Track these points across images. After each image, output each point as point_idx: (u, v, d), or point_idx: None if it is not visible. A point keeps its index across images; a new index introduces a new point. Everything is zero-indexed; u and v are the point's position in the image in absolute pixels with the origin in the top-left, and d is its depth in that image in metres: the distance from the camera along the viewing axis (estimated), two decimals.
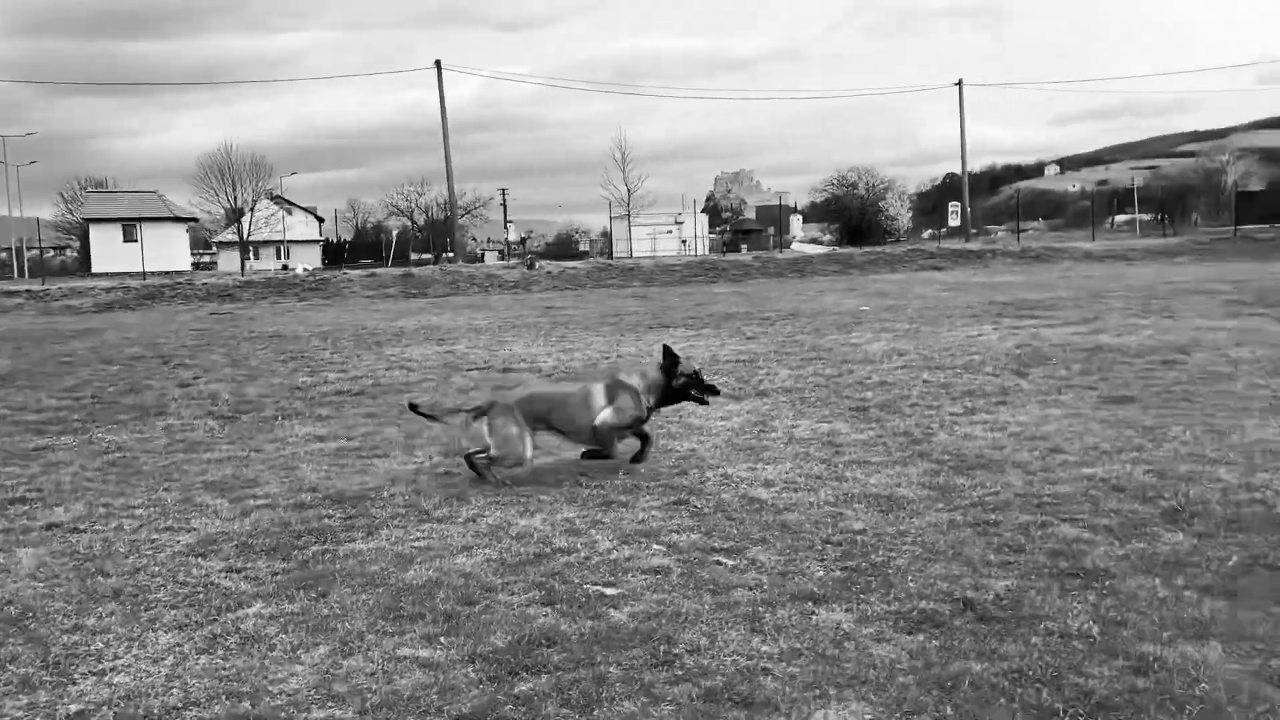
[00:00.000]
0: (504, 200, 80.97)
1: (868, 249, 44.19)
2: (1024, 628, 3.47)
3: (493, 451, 5.89)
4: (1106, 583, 3.88)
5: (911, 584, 3.94)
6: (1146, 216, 60.07)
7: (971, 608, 3.65)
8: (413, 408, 6.33)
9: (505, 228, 75.68)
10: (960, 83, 54.43)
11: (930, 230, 67.72)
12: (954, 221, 55.50)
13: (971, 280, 27.43)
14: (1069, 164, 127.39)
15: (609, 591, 3.98)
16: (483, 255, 67.17)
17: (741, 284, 31.86)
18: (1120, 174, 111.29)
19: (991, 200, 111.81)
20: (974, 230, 69.78)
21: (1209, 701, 2.89)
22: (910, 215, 70.40)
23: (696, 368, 6.23)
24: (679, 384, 6.01)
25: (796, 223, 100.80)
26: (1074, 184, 76.54)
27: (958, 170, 60.27)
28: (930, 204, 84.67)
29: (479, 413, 5.99)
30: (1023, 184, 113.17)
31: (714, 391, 6.21)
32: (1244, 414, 7.07)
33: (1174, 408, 7.48)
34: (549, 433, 6.10)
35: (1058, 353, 10.68)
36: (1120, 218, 67.74)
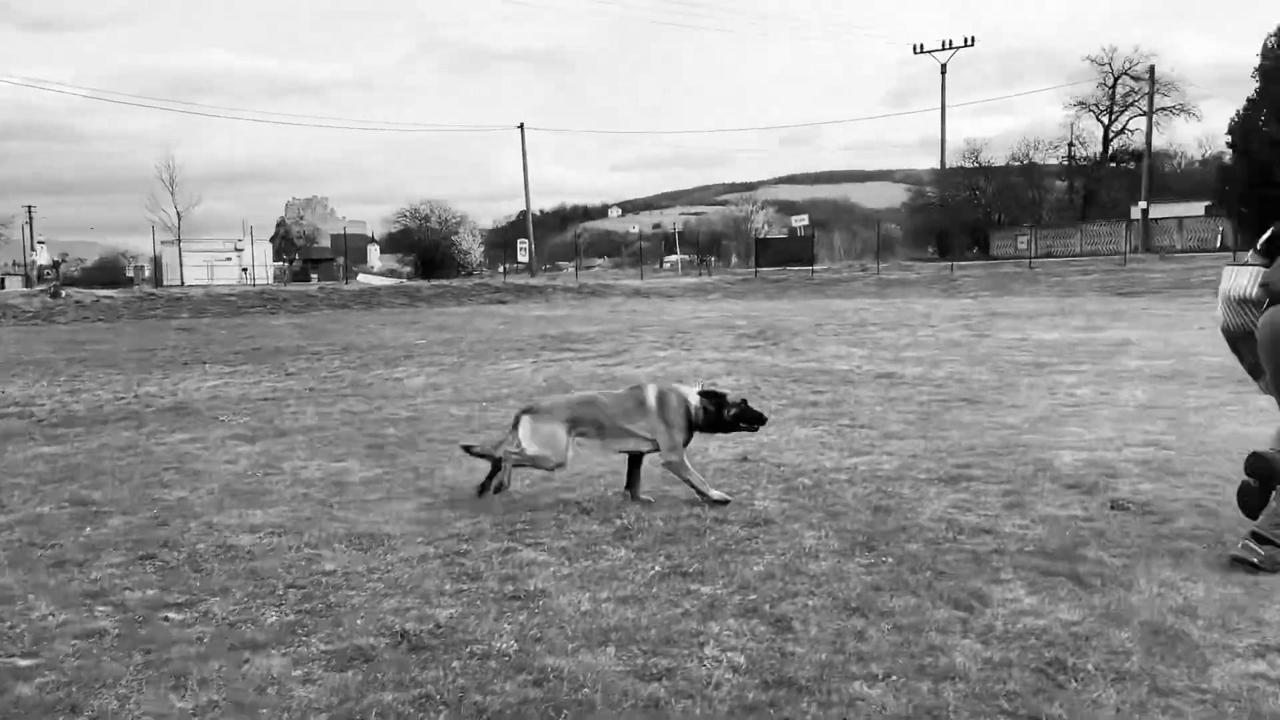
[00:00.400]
0: (30, 218, 71.29)
1: (436, 282, 44.68)
2: (450, 653, 3.68)
3: (530, 451, 5.83)
4: (541, 601, 4.24)
5: (360, 621, 4.03)
6: (687, 257, 66.86)
7: (407, 638, 3.81)
8: (467, 449, 6.30)
9: (33, 249, 66.65)
10: (522, 126, 57.24)
11: (505, 265, 69.93)
12: (523, 258, 57.91)
13: (530, 314, 28.71)
14: (629, 207, 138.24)
15: (23, 663, 3.64)
16: (2, 281, 58.60)
17: (304, 316, 30.75)
18: (673, 218, 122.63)
19: (561, 238, 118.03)
20: (546, 266, 73.03)
21: (585, 703, 3.26)
22: (483, 250, 72.25)
23: (744, 397, 6.21)
24: (730, 416, 5.99)
25: (375, 253, 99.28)
26: (634, 226, 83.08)
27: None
28: (505, 239, 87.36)
29: (522, 414, 5.98)
30: (589, 224, 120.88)
31: (762, 420, 6.13)
32: (709, 437, 8.03)
33: None
34: (589, 439, 5.96)
35: (579, 384, 11.50)
36: (672, 258, 74.47)
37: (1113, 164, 69.17)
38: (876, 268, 46.48)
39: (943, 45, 62.99)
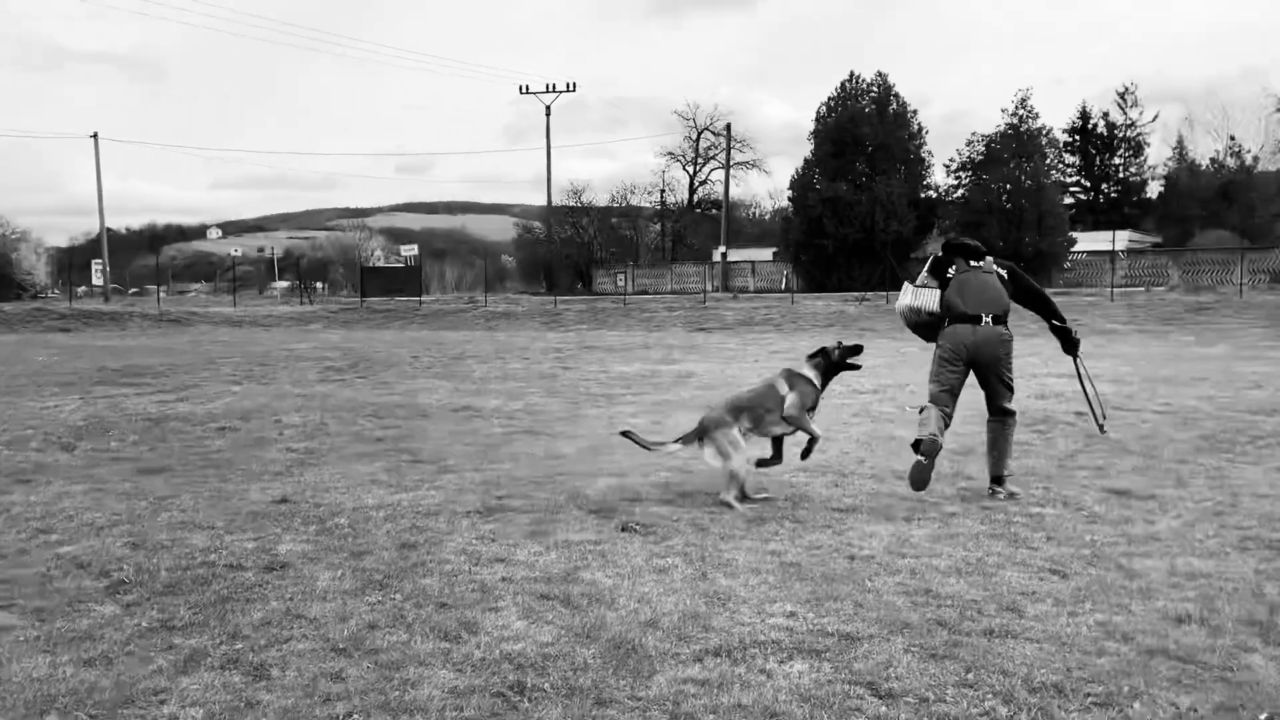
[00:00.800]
0: None
1: None
2: None
3: (733, 467, 6.56)
4: None
5: None
6: (285, 284, 64.02)
7: None
8: (625, 434, 7.01)
9: None
10: (96, 135, 51.72)
11: (85, 287, 62.76)
12: (99, 280, 52.20)
13: (94, 344, 25.91)
14: (232, 228, 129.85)
15: None
16: None
17: None
18: (281, 242, 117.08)
19: (152, 260, 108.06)
20: (132, 291, 66.11)
21: None
22: (51, 270, 64.28)
23: (839, 341, 7.23)
24: (836, 357, 7.04)
25: None
26: (236, 249, 77.88)
27: (110, 225, 56.91)
28: (81, 259, 78.79)
29: (696, 437, 6.71)
30: (185, 245, 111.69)
31: (858, 349, 7.17)
32: (255, 478, 7.71)
33: (200, 474, 7.86)
34: (748, 434, 6.81)
35: (123, 423, 10.54)
36: (281, 284, 71.00)
37: (698, 210, 75.93)
38: (485, 300, 47.25)
39: (547, 88, 65.81)
